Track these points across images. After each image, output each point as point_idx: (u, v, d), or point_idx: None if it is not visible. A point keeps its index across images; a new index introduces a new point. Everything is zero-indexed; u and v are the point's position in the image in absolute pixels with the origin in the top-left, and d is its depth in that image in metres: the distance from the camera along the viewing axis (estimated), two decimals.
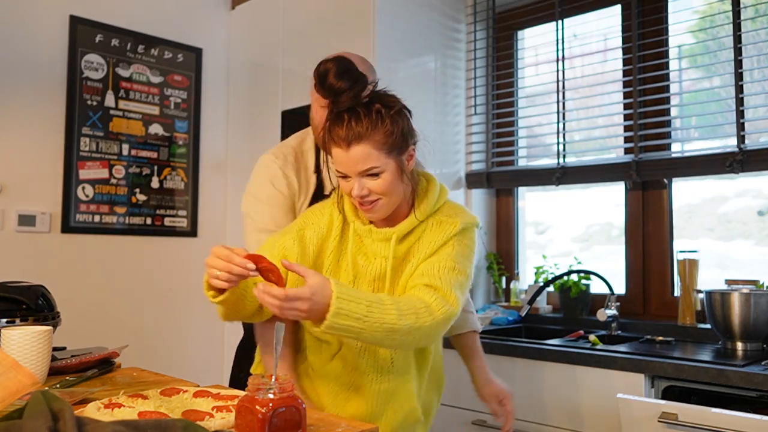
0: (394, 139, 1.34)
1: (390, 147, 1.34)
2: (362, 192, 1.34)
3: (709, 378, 1.78)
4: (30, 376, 0.96)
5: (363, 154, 1.31)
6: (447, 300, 1.32)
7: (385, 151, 1.33)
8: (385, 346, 1.32)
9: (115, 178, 3.06)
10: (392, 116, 1.34)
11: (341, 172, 1.36)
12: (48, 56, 2.88)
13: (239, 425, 0.96)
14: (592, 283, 2.69)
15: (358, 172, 1.33)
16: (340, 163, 1.34)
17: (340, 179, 1.38)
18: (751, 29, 2.40)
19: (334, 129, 1.33)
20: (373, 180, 1.34)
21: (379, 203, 1.37)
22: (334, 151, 1.34)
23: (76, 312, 2.17)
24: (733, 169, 2.30)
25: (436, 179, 1.52)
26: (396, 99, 1.39)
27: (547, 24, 2.94)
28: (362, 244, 1.44)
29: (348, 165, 1.33)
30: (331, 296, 1.17)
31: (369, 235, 1.42)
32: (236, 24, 3.47)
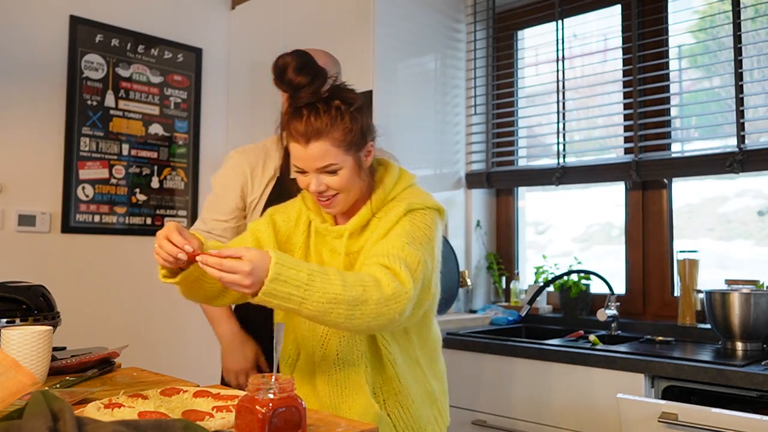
0: (352, 136, 1.33)
1: (348, 144, 1.33)
2: (320, 188, 1.35)
3: (709, 378, 1.78)
4: (30, 376, 0.96)
5: (321, 151, 1.31)
6: (398, 277, 1.26)
7: (343, 147, 1.32)
8: (327, 321, 1.20)
9: (115, 178, 3.06)
10: (351, 113, 1.33)
11: (299, 168, 1.36)
12: (48, 56, 2.88)
13: (239, 425, 0.96)
14: (592, 283, 2.69)
15: (316, 168, 1.33)
16: (298, 159, 1.34)
17: (298, 174, 1.38)
18: (751, 29, 2.40)
19: (292, 124, 1.32)
20: (330, 176, 1.34)
21: (337, 198, 1.37)
22: (293, 147, 1.34)
23: (76, 312, 2.17)
24: (733, 169, 2.30)
25: (395, 166, 1.49)
26: (356, 95, 1.37)
27: (547, 24, 2.94)
28: (324, 241, 1.46)
29: (306, 161, 1.33)
30: (270, 262, 1.13)
31: (327, 232, 1.44)
32: (236, 24, 3.47)
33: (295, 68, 1.33)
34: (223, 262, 1.12)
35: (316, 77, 1.33)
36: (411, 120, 2.84)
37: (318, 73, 1.34)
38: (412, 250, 1.32)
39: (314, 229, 1.46)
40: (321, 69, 1.35)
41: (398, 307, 1.24)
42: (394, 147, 2.74)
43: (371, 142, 1.40)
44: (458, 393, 2.31)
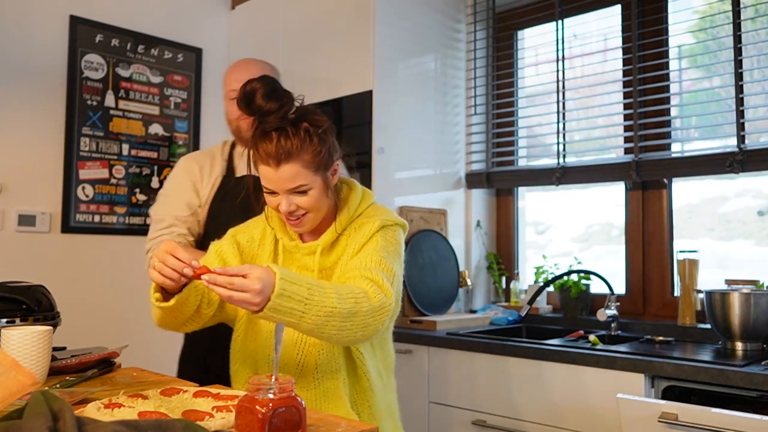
0: (321, 158, 1.37)
1: (317, 165, 1.36)
2: (291, 208, 1.37)
3: (709, 378, 1.78)
4: (30, 376, 0.96)
5: (292, 173, 1.34)
6: (382, 289, 1.30)
7: (312, 168, 1.36)
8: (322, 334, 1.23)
9: (115, 178, 3.06)
10: (320, 135, 1.36)
11: (269, 189, 1.38)
12: (48, 56, 2.88)
13: (239, 425, 0.96)
14: (592, 283, 2.69)
15: (286, 189, 1.36)
16: (268, 181, 1.36)
17: (267, 195, 1.40)
18: (751, 29, 2.40)
19: (261, 146, 1.34)
20: (301, 196, 1.37)
21: (306, 218, 1.40)
22: (263, 169, 1.36)
23: (76, 312, 2.17)
24: (733, 169, 2.30)
25: (358, 186, 1.55)
26: (323, 117, 1.41)
27: (547, 24, 2.94)
28: (293, 258, 1.48)
29: (277, 183, 1.35)
30: (275, 278, 1.16)
31: (297, 250, 1.47)
32: (236, 24, 3.47)
33: (264, 95, 1.34)
34: (233, 281, 1.13)
35: (285, 102, 1.36)
36: (411, 120, 2.84)
37: (285, 97, 1.37)
38: (389, 264, 1.38)
39: (282, 248, 1.49)
40: (287, 93, 1.38)
41: (383, 318, 1.29)
42: (394, 147, 2.75)
43: (337, 161, 1.45)
44: (458, 393, 2.31)
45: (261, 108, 1.35)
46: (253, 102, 1.35)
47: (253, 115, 1.37)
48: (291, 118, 1.36)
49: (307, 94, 3.24)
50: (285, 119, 1.35)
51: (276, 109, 1.34)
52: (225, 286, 1.13)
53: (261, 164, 1.36)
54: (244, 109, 1.37)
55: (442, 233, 2.89)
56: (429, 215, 2.87)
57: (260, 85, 1.36)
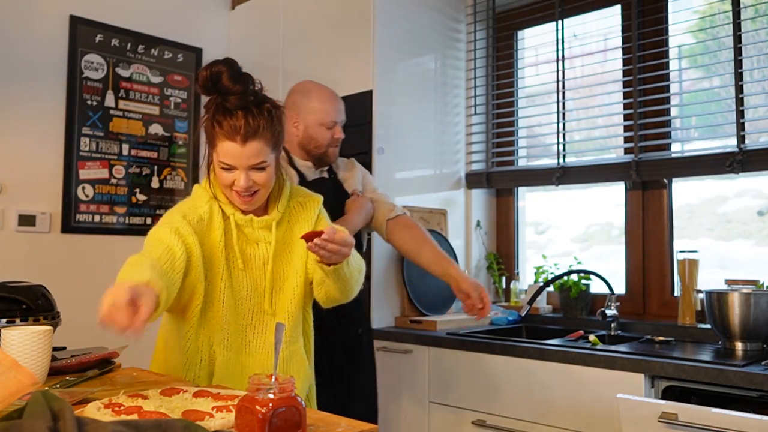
0: (278, 137, 1.47)
1: (275, 143, 1.46)
2: (248, 183, 1.44)
3: (709, 378, 1.78)
4: (30, 376, 0.96)
5: (257, 149, 1.42)
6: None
7: (271, 146, 1.45)
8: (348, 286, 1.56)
9: (115, 178, 3.06)
10: (278, 116, 1.47)
11: (229, 165, 1.43)
12: (48, 56, 2.88)
13: (239, 425, 0.96)
14: (592, 283, 2.68)
15: (249, 165, 1.43)
16: (232, 157, 1.42)
17: (224, 171, 1.45)
18: (751, 29, 2.40)
19: (227, 123, 1.41)
20: (259, 173, 1.45)
21: (258, 194, 1.49)
22: (226, 145, 1.41)
23: (76, 312, 2.17)
24: (733, 169, 2.30)
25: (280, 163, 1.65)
26: (278, 102, 1.51)
27: (547, 24, 2.94)
28: (243, 233, 1.54)
29: (240, 158, 1.42)
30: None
31: (250, 224, 1.53)
32: (236, 24, 3.47)
33: (230, 76, 1.41)
34: (346, 239, 1.41)
35: (248, 84, 1.44)
36: (411, 120, 2.84)
37: (249, 80, 1.45)
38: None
39: (234, 223, 1.52)
40: (250, 76, 1.46)
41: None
42: (394, 147, 2.75)
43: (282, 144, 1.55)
44: (458, 393, 2.31)
45: (228, 89, 1.41)
46: (219, 83, 1.41)
47: (213, 95, 1.44)
48: (252, 99, 1.44)
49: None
50: (248, 100, 1.42)
51: (241, 91, 1.42)
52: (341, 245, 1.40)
53: (225, 140, 1.41)
54: (208, 91, 1.44)
55: (442, 233, 2.89)
56: (429, 215, 2.87)
57: (225, 67, 1.42)
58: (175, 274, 1.39)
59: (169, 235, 1.44)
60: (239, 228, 1.53)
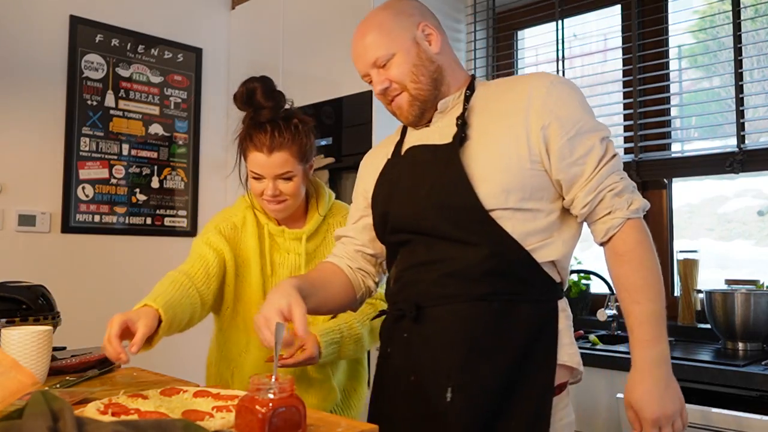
0: (305, 150, 1.58)
1: (302, 156, 1.57)
2: (275, 192, 1.56)
3: (709, 378, 1.78)
4: (30, 376, 0.96)
5: (282, 160, 1.53)
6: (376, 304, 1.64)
7: (298, 158, 1.56)
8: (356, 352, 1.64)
9: (115, 178, 3.06)
10: (306, 131, 1.58)
11: (258, 174, 1.56)
12: (48, 56, 2.88)
13: (239, 425, 0.96)
14: (592, 283, 2.68)
15: (275, 174, 1.54)
16: (259, 166, 1.54)
17: (254, 180, 1.58)
18: (751, 29, 2.40)
19: (256, 136, 1.53)
20: (285, 182, 1.56)
21: (286, 203, 1.59)
22: (255, 155, 1.54)
23: (76, 312, 2.17)
24: (733, 169, 2.30)
25: (323, 184, 1.77)
26: (308, 118, 1.62)
27: (547, 24, 2.94)
28: (275, 242, 1.66)
29: (267, 168, 1.54)
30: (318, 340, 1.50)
31: (281, 234, 1.65)
32: (236, 24, 3.47)
33: (264, 92, 1.55)
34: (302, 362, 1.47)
35: (279, 100, 1.57)
36: None
37: (279, 96, 1.58)
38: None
39: (267, 233, 1.65)
40: (281, 93, 1.60)
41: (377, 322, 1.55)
42: None
43: (314, 158, 1.65)
44: None
45: (260, 104, 1.55)
46: (254, 98, 1.55)
47: (247, 110, 1.57)
48: (282, 115, 1.56)
49: (307, 94, 3.26)
50: (278, 115, 1.55)
51: (272, 106, 1.55)
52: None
53: (253, 151, 1.54)
54: (243, 105, 1.57)
55: None
56: None
57: (260, 84, 1.56)
58: (210, 279, 1.56)
59: (202, 246, 1.61)
60: (272, 237, 1.65)
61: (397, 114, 1.34)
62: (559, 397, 1.22)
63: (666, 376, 1.18)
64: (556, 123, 1.20)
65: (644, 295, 1.17)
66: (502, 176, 1.20)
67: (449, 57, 1.37)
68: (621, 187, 1.19)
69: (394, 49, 1.29)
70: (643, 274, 1.18)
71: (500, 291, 1.19)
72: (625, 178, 1.21)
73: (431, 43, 1.32)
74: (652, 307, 1.17)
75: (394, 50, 1.29)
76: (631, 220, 1.19)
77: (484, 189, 1.19)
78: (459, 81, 1.35)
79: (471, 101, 1.31)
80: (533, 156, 1.20)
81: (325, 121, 2.87)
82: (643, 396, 1.16)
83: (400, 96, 1.30)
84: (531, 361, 1.17)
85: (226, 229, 1.64)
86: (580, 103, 1.23)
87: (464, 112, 1.28)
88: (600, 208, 1.20)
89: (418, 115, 1.31)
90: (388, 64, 1.30)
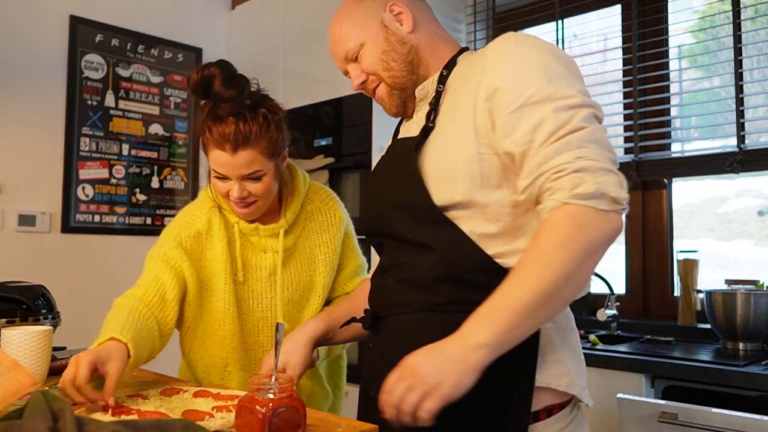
0: (276, 144, 1.35)
1: (272, 151, 1.34)
2: (243, 194, 1.34)
3: (709, 378, 1.78)
4: (30, 376, 0.96)
5: (249, 159, 1.31)
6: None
7: (267, 155, 1.33)
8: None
9: (115, 178, 3.06)
10: (276, 122, 1.35)
11: (221, 174, 1.34)
12: (48, 56, 2.88)
13: (239, 425, 0.96)
14: (592, 283, 2.68)
15: (241, 175, 1.32)
16: (222, 166, 1.32)
17: (217, 180, 1.36)
18: (751, 29, 2.40)
19: (216, 129, 1.30)
20: (254, 183, 1.34)
21: (256, 204, 1.38)
22: (216, 154, 1.32)
23: (76, 312, 2.17)
24: (733, 169, 2.30)
25: (295, 166, 1.53)
26: (279, 105, 1.40)
27: (547, 24, 2.94)
28: (248, 242, 1.45)
29: (231, 168, 1.32)
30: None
31: (255, 232, 1.44)
32: (236, 24, 3.47)
33: (223, 81, 1.30)
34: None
35: (243, 90, 1.32)
36: None
37: (244, 84, 1.33)
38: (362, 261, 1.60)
39: (239, 232, 1.43)
40: (245, 79, 1.35)
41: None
42: None
43: (287, 147, 1.43)
44: None
45: (220, 95, 1.30)
46: (211, 88, 1.31)
47: (206, 100, 1.33)
48: (247, 104, 1.32)
49: (307, 94, 3.25)
50: (242, 105, 1.31)
51: (234, 96, 1.30)
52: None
53: (215, 148, 1.31)
54: (199, 95, 1.32)
55: None
56: None
57: (218, 71, 1.31)
58: (167, 306, 1.36)
59: (158, 264, 1.40)
60: (244, 237, 1.44)
61: (383, 107, 1.22)
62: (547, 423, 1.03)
63: (459, 353, 0.88)
64: (499, 93, 0.99)
65: (518, 277, 0.91)
66: (448, 165, 1.03)
67: (428, 32, 1.19)
68: (575, 166, 0.91)
69: (362, 38, 1.17)
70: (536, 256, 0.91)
71: (456, 300, 1.02)
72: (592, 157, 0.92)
73: (402, 23, 1.16)
74: (515, 292, 0.90)
75: (362, 39, 1.17)
76: (569, 205, 0.90)
77: (434, 183, 1.03)
78: (441, 59, 1.17)
79: (447, 82, 1.13)
80: (480, 137, 1.01)
81: (325, 121, 2.87)
82: (421, 350, 0.91)
83: (379, 87, 1.19)
84: (500, 382, 0.97)
85: (187, 239, 1.41)
86: (540, 67, 0.98)
87: (437, 97, 1.12)
88: (542, 193, 0.94)
89: (400, 105, 1.19)
90: (360, 56, 1.18)
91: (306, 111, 2.96)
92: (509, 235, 1.02)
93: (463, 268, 1.02)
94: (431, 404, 0.85)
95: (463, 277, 1.02)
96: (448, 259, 1.02)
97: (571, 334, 1.09)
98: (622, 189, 0.92)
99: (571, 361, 1.06)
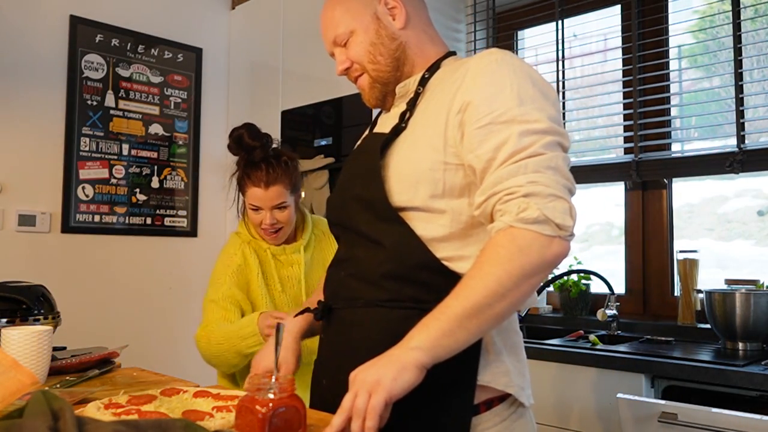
0: (296, 182, 1.80)
1: (293, 187, 1.78)
2: (273, 221, 1.76)
3: (709, 378, 1.78)
4: (30, 376, 0.96)
5: (277, 192, 1.73)
6: None
7: (290, 190, 1.76)
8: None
9: (115, 178, 3.06)
10: (294, 165, 1.79)
11: (256, 206, 1.75)
12: (48, 56, 2.88)
13: (239, 425, 0.96)
14: (592, 283, 2.68)
15: (272, 205, 1.74)
16: (258, 199, 1.74)
17: (252, 212, 1.77)
18: (751, 29, 2.40)
19: (253, 173, 1.72)
20: (281, 212, 1.77)
21: (282, 231, 1.80)
22: (253, 191, 1.73)
23: (76, 312, 2.18)
24: (733, 169, 2.30)
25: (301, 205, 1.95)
26: (294, 154, 1.81)
27: (547, 24, 2.94)
28: (278, 261, 1.84)
29: (265, 200, 1.73)
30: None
31: (283, 252, 1.84)
32: (236, 24, 3.47)
33: (249, 136, 1.74)
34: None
35: (266, 141, 1.76)
36: None
37: (266, 137, 1.77)
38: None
39: (270, 255, 1.83)
40: (266, 134, 1.77)
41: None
42: None
43: (301, 188, 1.85)
44: None
45: (249, 145, 1.74)
46: (242, 141, 1.74)
47: (241, 152, 1.75)
48: (272, 153, 1.76)
49: (307, 94, 3.26)
50: (268, 153, 1.74)
51: (260, 146, 1.73)
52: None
53: (251, 187, 1.73)
54: (234, 150, 1.76)
55: None
56: None
57: (244, 129, 1.75)
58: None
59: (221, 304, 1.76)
60: (275, 257, 1.84)
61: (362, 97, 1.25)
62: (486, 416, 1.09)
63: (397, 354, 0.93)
64: (471, 107, 1.03)
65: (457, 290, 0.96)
66: (413, 169, 1.06)
67: (419, 32, 1.21)
68: (525, 191, 0.94)
69: (353, 25, 1.18)
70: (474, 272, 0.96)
71: (402, 298, 1.05)
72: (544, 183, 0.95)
73: (395, 18, 1.18)
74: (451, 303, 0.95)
75: (353, 27, 1.19)
76: (513, 228, 0.94)
77: (396, 183, 1.07)
78: (427, 60, 1.21)
79: (427, 84, 1.17)
80: (449, 147, 1.05)
81: (325, 121, 2.87)
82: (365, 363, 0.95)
83: (362, 77, 1.22)
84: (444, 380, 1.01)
85: (235, 273, 1.79)
86: (514, 89, 1.01)
87: (414, 98, 1.15)
88: (494, 212, 0.98)
89: (379, 98, 1.22)
90: (348, 43, 1.20)
91: (306, 111, 2.96)
92: (460, 240, 1.07)
93: (410, 267, 1.06)
94: (376, 399, 0.90)
95: (409, 275, 1.06)
96: (396, 257, 1.07)
97: (513, 335, 1.15)
98: (568, 216, 0.96)
99: (511, 361, 1.12)
